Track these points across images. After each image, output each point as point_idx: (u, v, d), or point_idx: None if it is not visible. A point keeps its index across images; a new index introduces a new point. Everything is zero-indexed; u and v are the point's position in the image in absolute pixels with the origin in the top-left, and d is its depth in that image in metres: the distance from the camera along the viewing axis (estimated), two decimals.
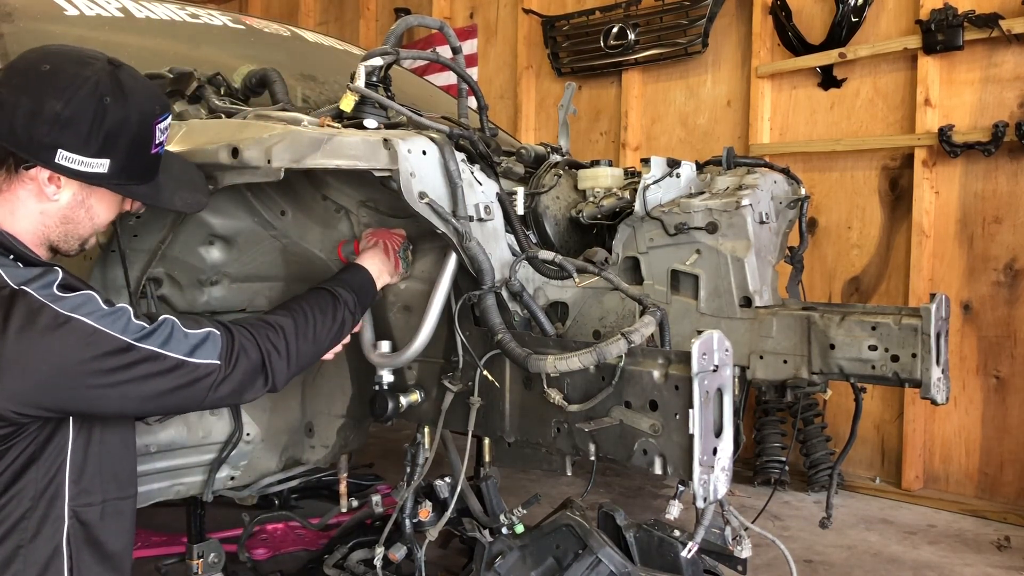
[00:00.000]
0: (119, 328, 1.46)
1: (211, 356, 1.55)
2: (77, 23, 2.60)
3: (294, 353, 1.68)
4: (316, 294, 1.81)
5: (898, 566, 3.28)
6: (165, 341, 1.50)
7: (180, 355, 1.51)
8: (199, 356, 1.53)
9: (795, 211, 2.53)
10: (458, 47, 2.24)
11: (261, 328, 1.65)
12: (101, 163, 1.51)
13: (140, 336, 1.47)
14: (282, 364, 1.65)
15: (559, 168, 2.34)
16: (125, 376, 1.46)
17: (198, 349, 1.53)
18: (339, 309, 1.80)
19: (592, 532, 2.12)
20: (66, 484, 1.53)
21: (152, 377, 1.48)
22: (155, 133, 1.57)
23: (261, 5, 7.61)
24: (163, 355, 1.49)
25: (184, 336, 1.53)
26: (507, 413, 1.93)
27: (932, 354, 2.02)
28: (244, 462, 2.26)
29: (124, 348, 1.45)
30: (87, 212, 1.58)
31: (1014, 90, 3.78)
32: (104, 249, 2.05)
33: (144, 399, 1.50)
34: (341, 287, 1.84)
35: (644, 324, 1.70)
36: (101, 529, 1.59)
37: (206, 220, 2.06)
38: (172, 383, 1.50)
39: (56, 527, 1.53)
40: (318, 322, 1.74)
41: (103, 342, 1.44)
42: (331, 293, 1.81)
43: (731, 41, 4.69)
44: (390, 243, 1.99)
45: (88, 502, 1.57)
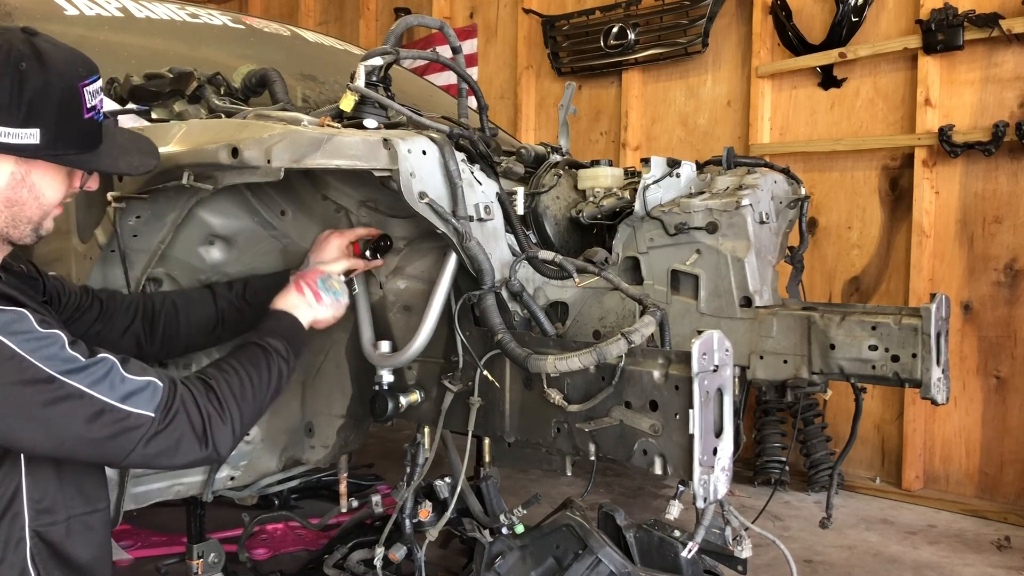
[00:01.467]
0: (45, 356, 1.35)
1: (146, 407, 1.42)
2: (77, 23, 2.60)
3: (236, 418, 1.55)
4: (246, 351, 1.68)
5: (898, 566, 3.27)
6: (96, 381, 1.39)
7: (110, 399, 1.39)
8: (131, 404, 1.41)
9: (795, 211, 2.53)
10: (458, 47, 2.24)
11: (203, 389, 1.52)
12: (31, 133, 1.43)
13: (67, 369, 1.37)
14: (225, 431, 1.52)
15: (559, 168, 2.34)
16: (41, 412, 1.35)
17: (132, 396, 1.42)
18: (273, 362, 1.67)
19: (592, 532, 2.12)
20: (24, 505, 1.47)
21: (72, 419, 1.37)
22: (83, 96, 1.48)
23: (261, 5, 7.61)
24: (88, 395, 1.37)
25: (120, 380, 1.41)
26: (507, 413, 1.93)
27: (932, 354, 2.02)
28: (244, 462, 2.26)
29: (45, 380, 1.35)
30: (31, 191, 1.49)
31: (1014, 90, 3.78)
32: (104, 249, 2.05)
33: (60, 441, 1.38)
34: (270, 337, 1.72)
35: (644, 324, 1.70)
36: (68, 545, 1.53)
37: (206, 220, 2.06)
38: (95, 429, 1.38)
39: (19, 549, 1.48)
40: (255, 380, 1.62)
41: (23, 369, 1.34)
42: (261, 347, 1.68)
43: (731, 41, 4.69)
44: (303, 280, 1.88)
45: (51, 521, 1.51)
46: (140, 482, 2.07)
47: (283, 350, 1.71)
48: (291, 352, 1.74)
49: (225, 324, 2.01)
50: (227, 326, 2.01)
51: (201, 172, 1.85)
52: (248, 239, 2.14)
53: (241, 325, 2.01)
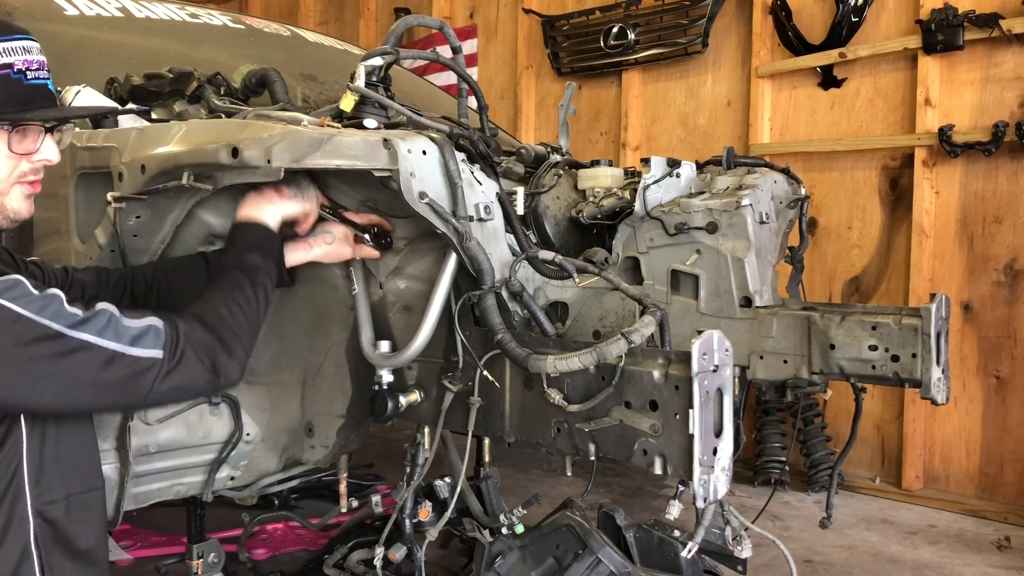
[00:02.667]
0: (48, 314, 1.37)
1: (154, 348, 1.44)
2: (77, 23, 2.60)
3: (236, 344, 1.57)
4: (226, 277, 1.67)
5: (898, 566, 3.27)
6: (101, 330, 1.41)
7: (117, 345, 1.41)
8: (140, 346, 1.43)
9: (795, 211, 2.53)
10: (458, 47, 2.24)
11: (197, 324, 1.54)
12: None
13: (72, 323, 1.38)
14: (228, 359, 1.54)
15: (559, 168, 2.34)
16: (55, 366, 1.37)
17: (139, 340, 1.44)
18: (257, 279, 1.68)
19: (592, 532, 2.12)
20: (26, 484, 1.48)
21: (86, 368, 1.39)
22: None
23: (261, 5, 7.61)
24: (98, 345, 1.40)
25: (123, 326, 1.43)
26: (507, 413, 1.93)
27: (932, 354, 2.02)
28: (244, 462, 2.26)
29: (53, 336, 1.36)
30: None
31: (1014, 90, 3.78)
32: (104, 249, 2.05)
33: (79, 391, 1.41)
34: (246, 254, 1.71)
35: (644, 324, 1.70)
36: (68, 525, 1.54)
37: (206, 220, 2.06)
38: (110, 375, 1.41)
39: (21, 528, 1.48)
40: (245, 304, 1.62)
41: (30, 329, 1.35)
42: (238, 266, 1.68)
43: (731, 41, 4.69)
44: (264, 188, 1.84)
45: (51, 499, 1.52)
46: (140, 482, 2.07)
47: (260, 263, 1.71)
48: (269, 261, 1.73)
49: None
50: None
51: (201, 172, 1.85)
52: None
53: None
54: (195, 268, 1.95)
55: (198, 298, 1.64)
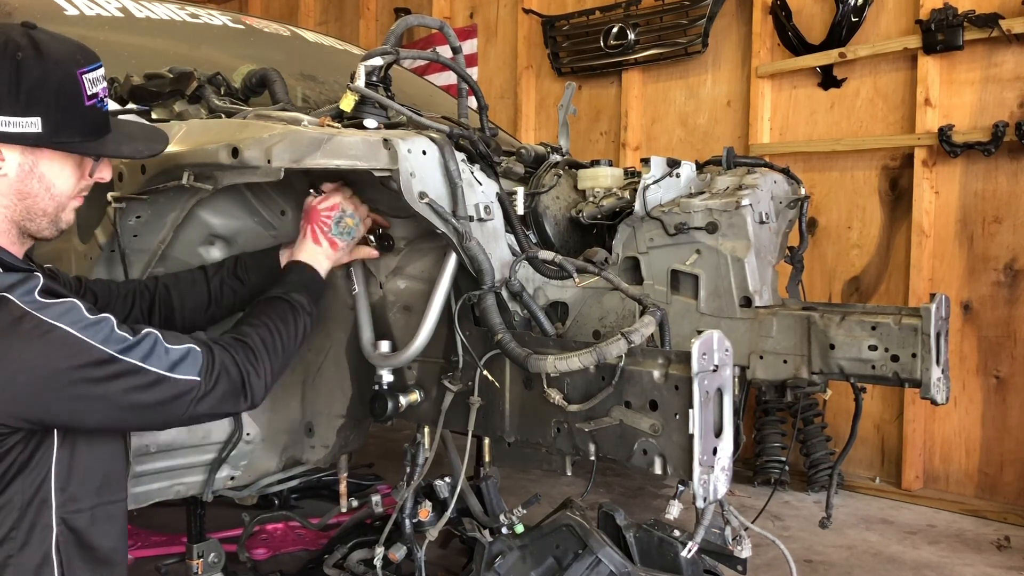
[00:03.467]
0: (101, 339, 1.44)
1: (191, 372, 1.52)
2: (77, 23, 2.60)
3: (268, 370, 1.66)
4: (274, 306, 1.77)
5: (898, 566, 3.28)
6: (147, 355, 1.48)
7: (161, 370, 1.49)
8: (179, 372, 1.51)
9: (795, 211, 2.53)
10: (458, 47, 2.24)
11: (238, 348, 1.63)
12: (32, 121, 1.46)
13: (122, 348, 1.45)
14: (260, 383, 1.63)
15: (559, 168, 2.34)
16: (105, 389, 1.44)
17: (179, 365, 1.51)
18: (299, 316, 1.78)
19: (592, 532, 2.12)
20: (52, 493, 1.51)
21: (132, 391, 1.46)
22: (83, 83, 1.51)
23: (261, 5, 7.61)
24: (144, 369, 1.47)
25: (165, 351, 1.50)
26: (507, 413, 1.93)
27: (932, 354, 2.02)
28: (244, 462, 2.26)
29: (106, 360, 1.43)
30: (40, 182, 1.52)
31: (1014, 90, 3.78)
32: (104, 249, 2.05)
33: (124, 412, 1.48)
34: (294, 292, 1.81)
35: (644, 324, 1.70)
36: (92, 534, 1.57)
37: (206, 220, 2.06)
38: (152, 397, 1.48)
39: (44, 535, 1.51)
40: (284, 334, 1.72)
41: (85, 352, 1.42)
42: (287, 302, 1.78)
43: (731, 41, 4.69)
44: (317, 227, 1.91)
45: (77, 508, 1.55)
46: (140, 482, 2.07)
47: (307, 304, 1.81)
48: (313, 305, 1.84)
49: (219, 303, 2.02)
50: (221, 305, 2.02)
51: (201, 172, 1.85)
52: (248, 239, 2.14)
53: (235, 302, 2.02)
54: (195, 282, 2.01)
55: (247, 319, 1.74)
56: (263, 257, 2.02)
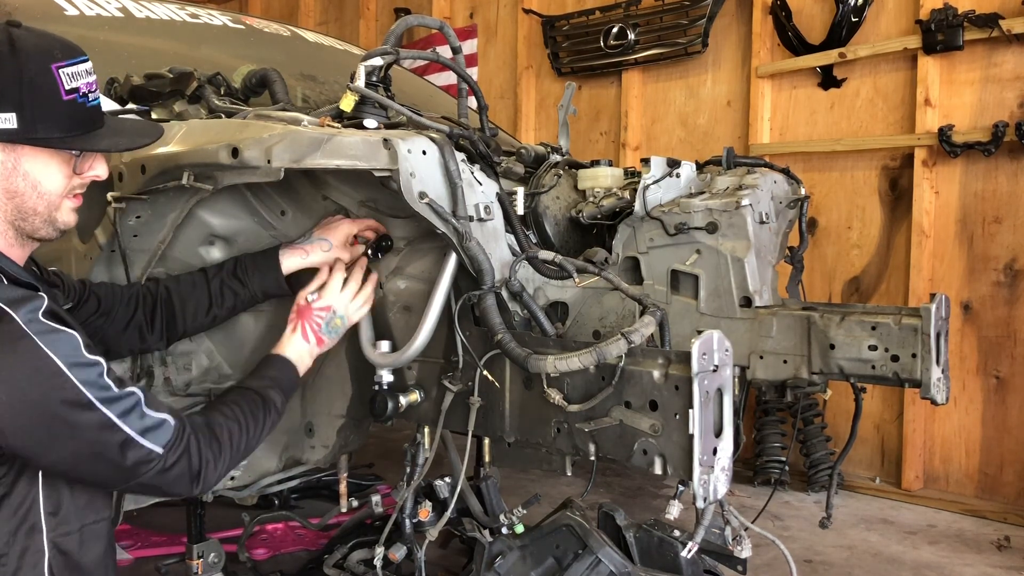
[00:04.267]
0: (88, 382, 1.42)
1: (157, 444, 1.50)
2: (77, 23, 2.60)
3: (225, 466, 1.64)
4: (249, 400, 1.76)
5: (898, 566, 3.28)
6: (124, 412, 1.46)
7: (132, 432, 1.46)
8: (147, 439, 1.48)
9: (795, 211, 2.53)
10: (458, 47, 2.24)
11: (207, 437, 1.61)
12: (6, 117, 1.44)
13: (104, 398, 1.44)
14: (214, 476, 1.61)
15: (559, 168, 2.34)
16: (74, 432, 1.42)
17: (149, 432, 1.49)
18: (269, 415, 1.77)
19: (592, 532, 2.12)
20: (43, 518, 1.51)
21: (99, 443, 1.44)
22: (59, 77, 1.48)
23: (261, 5, 7.61)
24: (117, 426, 1.45)
25: (141, 415, 1.48)
26: (507, 413, 1.93)
27: (932, 354, 2.02)
28: (244, 462, 2.26)
29: (85, 405, 1.42)
30: (25, 180, 1.50)
31: (1014, 90, 3.78)
32: (104, 249, 2.05)
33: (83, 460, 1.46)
34: (272, 390, 1.80)
35: (644, 324, 1.70)
36: (82, 555, 1.57)
37: (206, 220, 2.06)
38: (113, 458, 1.46)
39: (37, 559, 1.51)
40: (250, 432, 1.71)
41: (68, 391, 1.40)
42: (263, 399, 1.77)
43: (731, 41, 4.69)
44: (308, 325, 1.95)
45: (66, 531, 1.55)
46: None
47: (279, 404, 1.82)
48: (284, 404, 1.85)
49: (220, 304, 2.03)
50: (222, 306, 2.03)
51: (201, 172, 1.85)
52: (248, 239, 2.14)
53: (235, 303, 2.03)
54: (196, 284, 2.02)
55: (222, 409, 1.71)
56: (263, 258, 2.03)
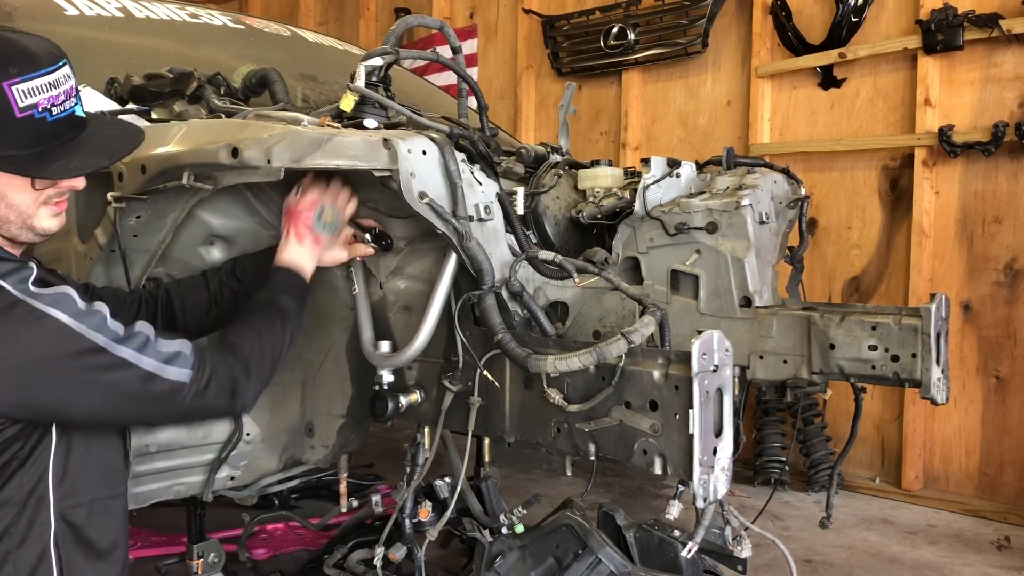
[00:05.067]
0: (95, 328, 1.43)
1: (184, 369, 1.51)
2: (77, 23, 2.60)
3: (257, 376, 1.66)
4: (261, 312, 1.76)
5: (898, 566, 3.28)
6: (140, 348, 1.47)
7: (154, 364, 1.48)
8: (171, 368, 1.50)
9: (795, 211, 2.53)
10: (458, 47, 2.24)
11: (228, 353, 1.62)
12: None
13: (116, 339, 1.45)
14: (249, 388, 1.63)
15: (559, 168, 2.34)
16: (97, 378, 1.43)
17: (171, 361, 1.50)
18: (287, 321, 1.77)
19: (592, 532, 2.12)
20: (50, 488, 1.51)
21: (124, 383, 1.45)
22: (12, 95, 1.41)
23: (261, 5, 7.61)
24: (135, 363, 1.46)
25: (157, 347, 1.50)
26: (507, 413, 1.93)
27: (932, 354, 2.02)
28: (244, 462, 2.26)
29: (98, 349, 1.43)
30: None
31: (1014, 90, 3.78)
32: (104, 249, 2.05)
33: (115, 404, 1.47)
34: (282, 296, 1.80)
35: (644, 324, 1.70)
36: (91, 529, 1.57)
37: (206, 220, 2.06)
38: (145, 391, 1.47)
39: (43, 530, 1.51)
40: (272, 340, 1.71)
41: (78, 341, 1.41)
42: (274, 306, 1.77)
43: (731, 41, 4.69)
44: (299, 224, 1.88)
45: (75, 503, 1.55)
46: (140, 482, 2.07)
47: (293, 308, 1.81)
48: (299, 307, 1.83)
49: (220, 304, 2.02)
50: (222, 307, 2.02)
51: (201, 172, 1.85)
52: (248, 239, 2.13)
53: (236, 303, 2.02)
54: (195, 286, 2.02)
55: (235, 326, 1.73)
56: (261, 257, 2.02)
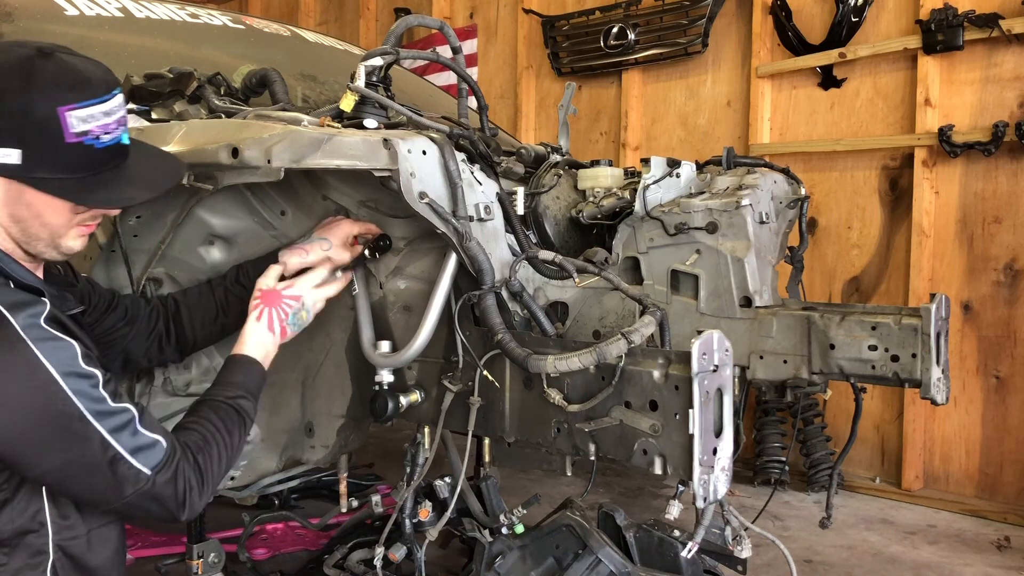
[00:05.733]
0: (82, 392, 1.41)
1: (147, 465, 1.47)
2: (77, 23, 2.60)
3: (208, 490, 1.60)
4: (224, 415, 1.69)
5: (898, 566, 3.27)
6: (116, 428, 1.44)
7: (122, 450, 1.44)
8: (138, 459, 1.46)
9: (795, 211, 2.53)
10: (458, 47, 2.24)
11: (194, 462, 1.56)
12: (7, 153, 1.42)
13: (96, 411, 1.42)
14: (199, 501, 1.57)
15: (559, 168, 2.34)
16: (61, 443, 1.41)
17: (140, 452, 1.47)
18: (246, 425, 1.72)
19: (592, 532, 2.12)
20: (48, 522, 1.51)
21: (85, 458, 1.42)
22: (66, 122, 1.44)
23: (261, 5, 7.61)
24: (107, 441, 1.43)
25: (134, 432, 1.46)
26: (507, 413, 1.93)
27: (932, 354, 2.02)
28: (244, 462, 2.26)
29: (77, 417, 1.40)
30: (29, 210, 1.49)
31: (1014, 90, 3.78)
32: (104, 249, 2.05)
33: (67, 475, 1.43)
34: (243, 399, 1.74)
35: (644, 324, 1.70)
36: (90, 557, 1.57)
37: (206, 220, 2.06)
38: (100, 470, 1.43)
39: (40, 561, 1.51)
40: (231, 450, 1.66)
41: (59, 401, 1.39)
42: (237, 412, 1.71)
43: (731, 41, 4.69)
44: (275, 312, 1.87)
45: (73, 536, 1.54)
46: None
47: (252, 411, 1.76)
48: (255, 411, 1.78)
49: (227, 312, 2.02)
50: (230, 313, 2.02)
51: (201, 172, 1.85)
52: (248, 239, 2.14)
53: (242, 309, 1.98)
54: (202, 295, 2.03)
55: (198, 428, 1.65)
56: (264, 262, 2.02)
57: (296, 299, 1.90)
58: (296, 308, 1.89)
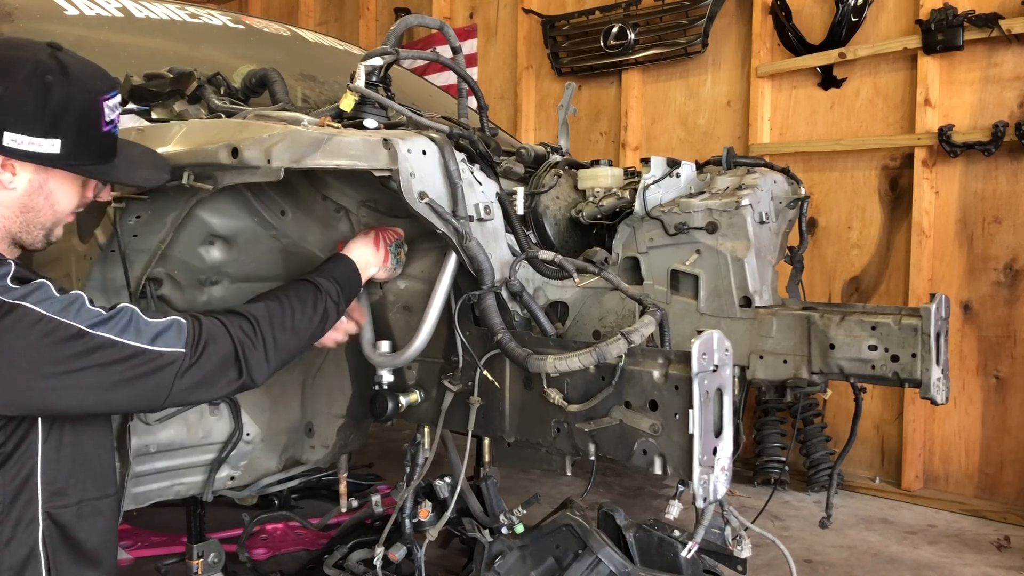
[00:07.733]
0: (71, 315, 1.41)
1: (175, 344, 1.47)
2: (77, 23, 2.60)
3: (271, 344, 1.59)
4: (296, 285, 1.74)
5: (898, 566, 3.28)
6: (123, 329, 1.44)
7: (139, 343, 1.44)
8: (161, 344, 1.46)
9: (795, 211, 2.53)
10: (458, 47, 2.24)
11: (233, 318, 1.57)
12: (52, 143, 1.49)
13: (95, 323, 1.42)
14: (258, 355, 1.56)
15: (559, 168, 2.34)
16: (78, 365, 1.39)
17: (160, 337, 1.46)
18: (320, 299, 1.72)
19: (592, 532, 2.12)
20: (39, 487, 1.50)
21: (108, 366, 1.41)
22: (103, 109, 1.55)
23: (261, 5, 7.61)
24: (120, 343, 1.42)
25: (144, 324, 1.46)
26: (507, 413, 1.93)
27: (932, 354, 2.02)
28: (244, 462, 2.26)
29: (76, 335, 1.40)
30: (46, 199, 1.55)
31: (1014, 90, 3.78)
32: (104, 249, 2.05)
33: (102, 390, 1.42)
34: (323, 277, 1.77)
35: (644, 324, 1.70)
36: (79, 529, 1.56)
37: (206, 220, 2.06)
38: (131, 372, 1.43)
39: (30, 530, 1.50)
40: (297, 312, 1.66)
41: (54, 329, 1.39)
42: (312, 283, 1.74)
43: (731, 41, 4.69)
44: (383, 236, 1.95)
45: (63, 503, 1.54)
46: (140, 482, 2.07)
47: (335, 293, 1.77)
48: (342, 298, 1.79)
49: None
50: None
51: (201, 172, 1.85)
52: (248, 239, 2.14)
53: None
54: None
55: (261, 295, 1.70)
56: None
57: (399, 233, 1.97)
58: (399, 239, 1.96)
